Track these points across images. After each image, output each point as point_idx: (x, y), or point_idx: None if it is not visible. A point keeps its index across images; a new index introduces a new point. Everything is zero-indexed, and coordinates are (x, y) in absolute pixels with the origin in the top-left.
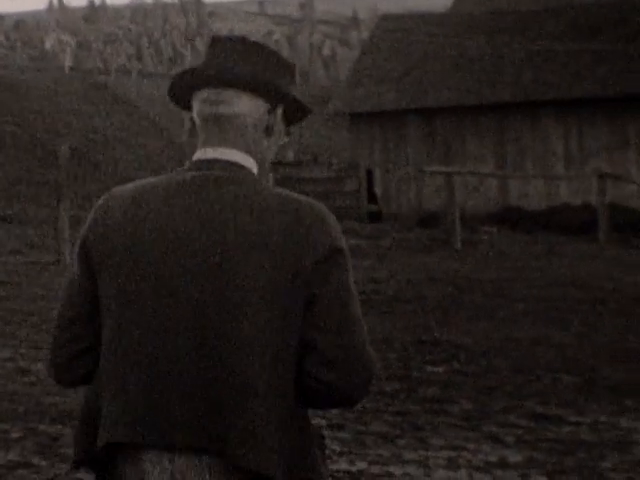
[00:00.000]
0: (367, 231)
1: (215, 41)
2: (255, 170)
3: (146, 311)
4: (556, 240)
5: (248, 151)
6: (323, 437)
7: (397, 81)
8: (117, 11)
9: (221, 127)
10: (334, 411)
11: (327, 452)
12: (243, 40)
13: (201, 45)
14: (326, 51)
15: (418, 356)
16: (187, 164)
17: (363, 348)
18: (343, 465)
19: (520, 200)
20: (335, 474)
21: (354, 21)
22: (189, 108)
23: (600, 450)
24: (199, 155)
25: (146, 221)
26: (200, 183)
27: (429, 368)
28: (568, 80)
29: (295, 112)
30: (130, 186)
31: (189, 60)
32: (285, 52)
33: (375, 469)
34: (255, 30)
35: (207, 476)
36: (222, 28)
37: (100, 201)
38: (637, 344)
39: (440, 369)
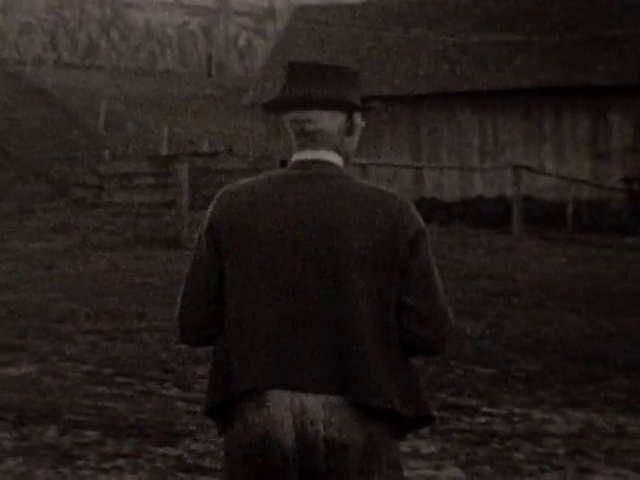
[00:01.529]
0: None
1: (292, 66)
2: (341, 164)
3: (269, 279)
4: (470, 232)
5: (335, 150)
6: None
7: None
8: (33, 1)
9: (311, 137)
10: None
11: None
12: (316, 64)
13: (117, 35)
14: (242, 42)
15: None
16: (289, 164)
17: (444, 308)
18: None
19: (435, 191)
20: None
21: (270, 12)
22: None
23: (513, 441)
24: (298, 157)
25: (262, 207)
26: (304, 177)
27: None
28: (484, 72)
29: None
30: (243, 182)
31: (105, 51)
32: (201, 43)
33: None
34: (171, 21)
35: (322, 413)
36: (139, 19)
37: (217, 195)
38: (550, 336)
39: None
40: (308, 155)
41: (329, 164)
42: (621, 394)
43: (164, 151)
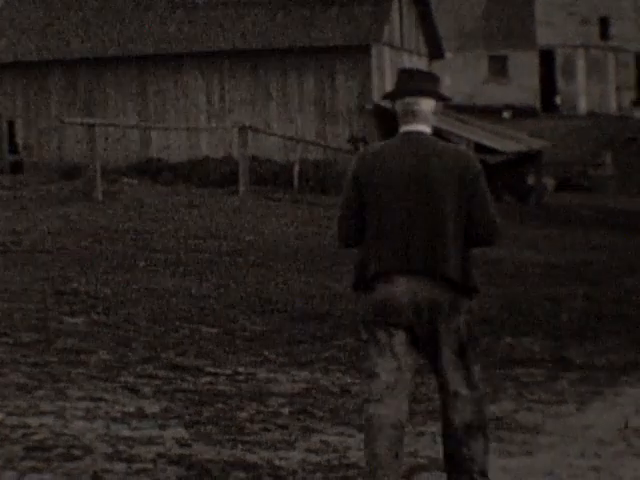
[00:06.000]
0: (8, 182)
1: (404, 71)
2: (429, 131)
3: (393, 205)
4: (197, 192)
5: (427, 124)
6: None
7: (39, 32)
8: None
9: (414, 115)
10: None
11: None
12: (419, 70)
13: None
14: None
15: (56, 307)
16: (399, 134)
17: (495, 217)
18: None
19: (161, 152)
20: None
21: None
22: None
23: (238, 401)
24: (404, 129)
25: (387, 161)
26: (410, 142)
27: (67, 319)
28: (211, 32)
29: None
30: (376, 144)
31: None
32: None
33: (12, 420)
34: None
35: (425, 284)
36: None
37: (358, 154)
38: (276, 296)
39: (79, 320)
40: (410, 127)
41: (422, 132)
42: (346, 354)
43: None
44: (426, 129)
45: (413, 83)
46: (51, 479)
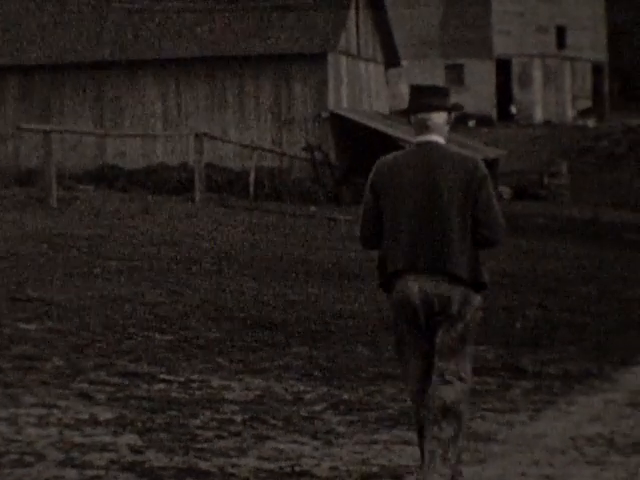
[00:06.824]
0: None
1: (415, 87)
2: (442, 141)
3: (404, 210)
4: (152, 199)
5: (440, 135)
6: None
7: None
8: None
9: (428, 127)
10: None
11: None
12: (428, 86)
13: None
14: None
15: (10, 313)
16: (414, 144)
17: (499, 219)
18: None
19: (117, 159)
20: None
21: None
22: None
23: (191, 408)
24: (419, 139)
25: (401, 169)
26: (422, 151)
27: (21, 325)
28: (167, 40)
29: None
30: (391, 154)
31: None
32: None
33: None
34: None
35: (434, 282)
36: None
37: (376, 163)
38: (230, 303)
39: (32, 327)
40: (424, 138)
41: (436, 142)
42: (299, 362)
43: None
44: (439, 139)
45: (424, 99)
46: None
